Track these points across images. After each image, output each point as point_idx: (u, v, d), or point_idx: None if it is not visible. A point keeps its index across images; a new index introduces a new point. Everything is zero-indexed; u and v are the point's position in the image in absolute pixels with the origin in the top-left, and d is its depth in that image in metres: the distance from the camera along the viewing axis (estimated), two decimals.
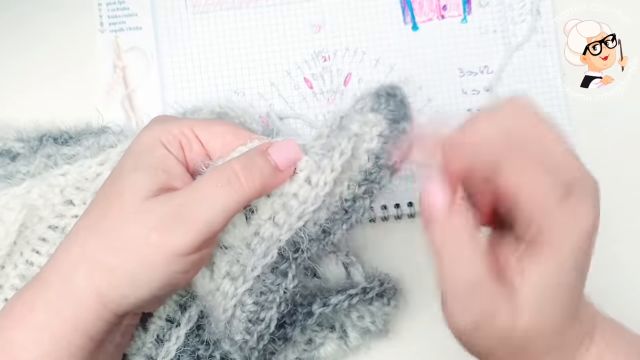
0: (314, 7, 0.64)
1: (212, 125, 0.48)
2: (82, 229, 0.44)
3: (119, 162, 0.46)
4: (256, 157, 0.45)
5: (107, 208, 0.44)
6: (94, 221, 0.44)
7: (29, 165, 0.57)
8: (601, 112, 0.63)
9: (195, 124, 0.47)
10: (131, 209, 0.42)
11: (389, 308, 0.57)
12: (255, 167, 0.44)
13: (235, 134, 0.48)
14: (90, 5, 0.64)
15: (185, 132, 0.46)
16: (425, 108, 0.63)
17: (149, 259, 0.42)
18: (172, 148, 0.46)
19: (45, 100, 0.63)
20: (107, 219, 0.43)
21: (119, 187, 0.44)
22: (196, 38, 0.64)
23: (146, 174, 0.44)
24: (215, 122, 0.49)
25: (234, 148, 0.47)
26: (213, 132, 0.47)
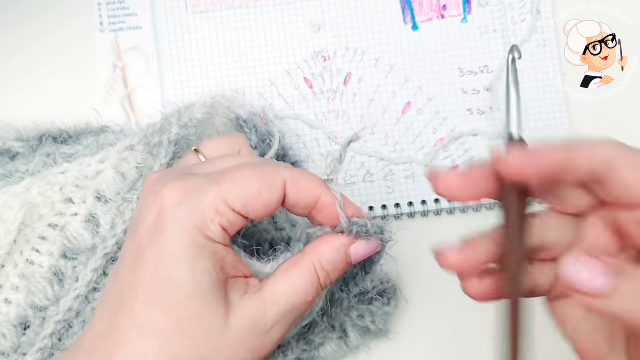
0: (314, 7, 0.64)
1: (242, 187, 0.41)
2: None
3: (150, 271, 0.40)
4: (337, 262, 0.43)
5: (183, 339, 0.39)
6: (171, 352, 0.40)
7: (29, 164, 0.57)
8: (601, 112, 0.63)
9: (224, 193, 0.40)
10: (217, 334, 0.40)
11: (389, 308, 0.57)
12: (336, 273, 0.44)
13: (268, 183, 0.42)
14: (90, 5, 0.64)
15: (220, 210, 0.40)
16: (425, 108, 0.63)
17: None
18: (216, 236, 0.40)
19: (45, 99, 0.63)
20: (190, 348, 0.40)
21: (192, 315, 0.39)
22: (196, 38, 0.64)
23: (212, 286, 0.40)
24: (241, 179, 0.41)
25: (273, 204, 0.42)
26: (247, 198, 0.41)
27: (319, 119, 0.63)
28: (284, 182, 0.42)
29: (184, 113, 0.55)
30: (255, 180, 0.41)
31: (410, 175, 0.63)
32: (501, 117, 0.39)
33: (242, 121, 0.56)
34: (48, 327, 0.52)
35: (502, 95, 0.63)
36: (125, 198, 0.54)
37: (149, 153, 0.55)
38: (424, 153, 0.63)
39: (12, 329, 0.53)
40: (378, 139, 0.63)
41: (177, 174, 0.43)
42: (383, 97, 0.63)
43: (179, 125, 0.55)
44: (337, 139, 0.63)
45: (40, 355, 0.52)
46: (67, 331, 0.53)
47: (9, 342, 0.53)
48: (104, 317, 0.41)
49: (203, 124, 0.57)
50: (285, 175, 0.42)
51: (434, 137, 0.63)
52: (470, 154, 0.63)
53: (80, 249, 0.54)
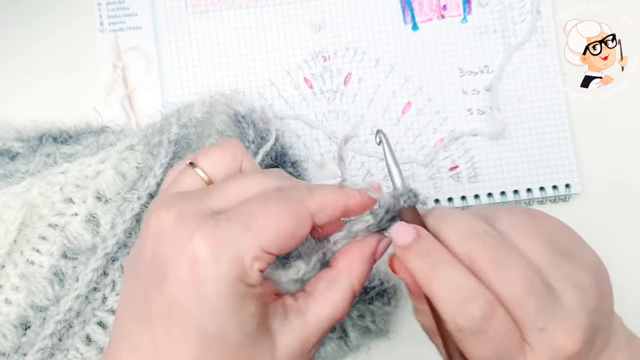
0: (314, 7, 0.64)
1: (275, 229, 0.39)
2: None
3: (188, 333, 0.38)
4: (369, 269, 0.44)
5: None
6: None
7: (29, 164, 0.57)
8: (601, 112, 0.63)
9: (258, 240, 0.38)
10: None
11: (389, 307, 0.57)
12: (366, 278, 0.44)
13: (298, 219, 0.40)
14: (90, 5, 0.64)
15: (258, 256, 0.39)
16: (425, 108, 0.63)
17: None
18: (256, 281, 0.39)
19: (45, 100, 0.63)
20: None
21: (242, 358, 0.39)
22: (196, 38, 0.64)
23: (259, 331, 0.39)
24: (270, 221, 0.39)
25: (304, 236, 0.41)
26: (280, 239, 0.39)
27: (319, 119, 0.63)
28: (311, 214, 0.41)
29: (183, 113, 0.56)
30: (286, 219, 0.39)
31: (410, 175, 0.63)
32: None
33: (241, 117, 0.56)
34: (48, 327, 0.52)
35: (501, 95, 0.63)
36: (125, 198, 0.54)
37: (149, 153, 0.55)
38: (424, 153, 0.63)
39: (12, 329, 0.53)
40: None
41: (199, 216, 0.39)
42: (383, 97, 0.63)
43: (178, 125, 0.55)
44: (337, 138, 0.63)
45: (40, 355, 0.52)
46: (68, 331, 0.53)
47: (10, 343, 0.53)
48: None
49: (202, 123, 0.57)
50: (310, 205, 0.41)
51: (434, 137, 0.63)
52: (470, 154, 0.63)
53: (80, 248, 0.55)
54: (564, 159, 0.62)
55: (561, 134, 0.63)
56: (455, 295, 0.39)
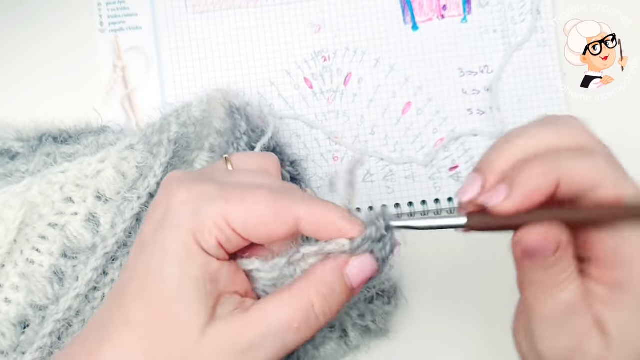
0: (314, 7, 0.64)
1: (247, 209, 0.39)
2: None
3: (144, 262, 0.40)
4: (335, 284, 0.40)
5: (160, 338, 0.39)
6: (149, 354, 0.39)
7: (29, 163, 0.57)
8: (601, 112, 0.63)
9: (228, 210, 0.39)
10: (192, 342, 0.39)
11: (389, 307, 0.57)
12: (334, 297, 0.40)
13: (277, 213, 0.40)
14: (90, 5, 0.64)
15: (219, 225, 0.39)
16: (425, 108, 0.63)
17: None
18: (210, 249, 0.40)
19: (45, 99, 0.63)
20: (165, 350, 0.39)
21: (172, 316, 0.39)
22: (196, 38, 0.64)
23: (197, 294, 0.39)
24: (249, 200, 0.40)
25: (279, 235, 0.40)
26: (250, 221, 0.39)
27: (319, 119, 0.63)
28: (296, 218, 0.40)
29: (182, 112, 0.56)
30: (264, 206, 0.39)
31: (410, 175, 0.63)
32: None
33: (235, 109, 0.56)
34: (47, 326, 0.52)
35: (501, 95, 0.63)
36: (125, 197, 0.54)
37: (148, 152, 0.55)
38: (424, 153, 0.63)
39: (11, 327, 0.53)
40: (378, 139, 0.63)
41: (197, 175, 0.42)
42: (383, 97, 0.63)
43: (177, 124, 0.55)
44: (337, 138, 0.63)
45: (39, 353, 0.52)
46: (67, 330, 0.53)
47: (8, 341, 0.53)
48: (105, 307, 0.42)
49: (201, 122, 0.57)
50: (300, 211, 0.40)
51: (434, 137, 0.63)
52: (470, 154, 0.63)
53: (80, 248, 0.55)
54: None
55: None
56: (582, 156, 0.39)
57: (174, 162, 0.55)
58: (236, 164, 0.46)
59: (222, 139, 0.57)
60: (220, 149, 0.57)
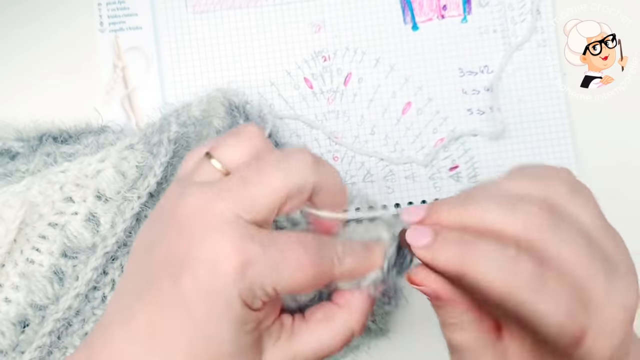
0: (314, 7, 0.64)
1: (293, 281, 0.39)
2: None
3: (191, 327, 0.38)
4: (370, 307, 0.43)
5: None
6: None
7: (29, 163, 0.57)
8: (601, 112, 0.63)
9: (277, 281, 0.38)
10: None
11: (389, 307, 0.57)
12: (367, 320, 0.44)
13: (316, 281, 0.40)
14: (90, 5, 0.64)
15: (268, 292, 0.39)
16: (425, 108, 0.63)
17: None
18: (257, 307, 0.39)
19: (45, 99, 0.63)
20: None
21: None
22: (196, 38, 0.64)
23: (251, 346, 0.39)
24: (295, 265, 0.39)
25: (313, 290, 0.41)
26: (295, 288, 0.40)
27: (319, 119, 0.63)
28: (333, 278, 0.41)
29: (182, 112, 0.56)
30: (312, 278, 0.39)
31: (410, 175, 0.63)
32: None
33: (234, 107, 0.56)
34: (47, 325, 0.52)
35: (501, 95, 0.63)
36: (126, 197, 0.54)
37: (148, 152, 0.55)
38: (424, 153, 0.63)
39: (10, 327, 0.53)
40: (378, 139, 0.63)
41: (230, 221, 0.39)
42: (383, 97, 0.63)
43: (177, 124, 0.55)
44: (337, 138, 0.63)
45: (38, 353, 0.52)
46: (66, 329, 0.53)
47: (8, 340, 0.53)
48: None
49: (201, 122, 0.57)
50: (335, 273, 0.41)
51: (434, 137, 0.63)
52: (470, 154, 0.63)
53: (80, 247, 0.55)
54: (564, 159, 0.62)
55: (561, 134, 0.63)
56: (503, 260, 0.36)
57: (174, 161, 0.55)
58: (224, 158, 0.42)
59: None
60: None
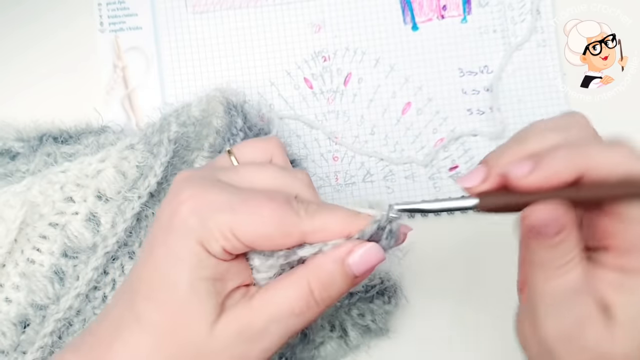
0: (314, 7, 0.64)
1: (254, 224, 0.40)
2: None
3: (155, 266, 0.41)
4: (335, 273, 0.41)
5: (173, 337, 0.40)
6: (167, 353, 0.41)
7: (29, 163, 0.57)
8: (601, 112, 0.63)
9: (234, 223, 0.40)
10: (203, 338, 0.40)
11: (389, 306, 0.57)
12: (334, 286, 0.41)
13: (283, 230, 0.40)
14: (90, 5, 0.64)
15: (226, 236, 0.40)
16: (425, 108, 0.63)
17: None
18: (217, 254, 0.40)
19: (45, 99, 0.63)
20: (178, 348, 0.40)
21: (183, 317, 0.40)
22: (196, 38, 0.64)
23: (207, 295, 0.40)
24: (256, 215, 0.40)
25: (284, 247, 0.41)
26: (255, 235, 0.40)
27: (319, 119, 0.63)
28: (301, 233, 0.40)
29: (181, 112, 0.56)
30: (270, 223, 0.40)
31: (410, 175, 0.63)
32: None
33: (232, 105, 0.56)
34: (48, 325, 0.52)
35: (501, 95, 0.63)
36: (126, 197, 0.54)
37: (149, 152, 0.55)
38: (424, 153, 0.63)
39: (11, 327, 0.53)
40: (378, 139, 0.63)
41: (204, 178, 0.42)
42: (383, 97, 0.63)
43: (177, 124, 0.55)
44: (337, 138, 0.63)
45: (40, 353, 0.52)
46: (67, 329, 0.53)
47: (9, 340, 0.53)
48: (115, 305, 0.43)
49: (201, 122, 0.57)
50: (305, 226, 0.40)
51: (433, 137, 0.63)
52: (470, 154, 0.63)
53: (80, 247, 0.55)
54: None
55: None
56: (609, 147, 0.39)
57: (174, 161, 0.55)
58: (240, 156, 0.46)
59: (220, 137, 0.57)
60: (218, 146, 0.57)
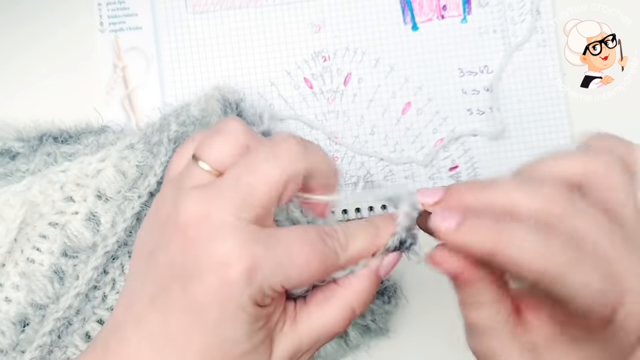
0: (314, 7, 0.64)
1: (302, 273, 0.39)
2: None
3: (206, 332, 0.39)
4: (373, 286, 0.42)
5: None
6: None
7: (29, 163, 0.57)
8: (601, 112, 0.63)
9: (285, 279, 0.38)
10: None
11: (389, 306, 0.57)
12: (371, 297, 0.43)
13: (323, 274, 0.40)
14: (90, 5, 0.64)
15: (276, 289, 0.39)
16: (425, 108, 0.63)
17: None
18: (267, 303, 0.39)
19: (45, 99, 0.63)
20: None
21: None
22: (196, 38, 0.64)
23: (263, 340, 0.40)
24: (299, 258, 0.39)
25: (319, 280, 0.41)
26: (303, 281, 0.40)
27: (319, 119, 0.63)
28: (339, 266, 0.41)
29: (181, 111, 0.56)
30: (317, 271, 0.40)
31: (410, 175, 0.63)
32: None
33: (227, 103, 0.56)
34: (47, 324, 0.52)
35: (501, 95, 0.63)
36: (126, 196, 0.54)
37: (149, 151, 0.55)
38: (424, 153, 0.63)
39: (11, 326, 0.53)
40: (378, 139, 0.63)
41: (233, 225, 0.38)
42: (383, 97, 0.63)
43: (177, 123, 0.55)
44: (337, 138, 0.63)
45: (39, 352, 0.52)
46: (67, 328, 0.53)
47: (8, 340, 0.53)
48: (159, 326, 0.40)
49: (201, 122, 0.57)
50: (341, 261, 0.41)
51: (433, 137, 0.63)
52: (470, 154, 0.63)
53: (80, 247, 0.55)
54: None
55: (561, 134, 0.63)
56: (536, 239, 0.36)
57: None
58: (213, 161, 0.41)
59: None
60: None
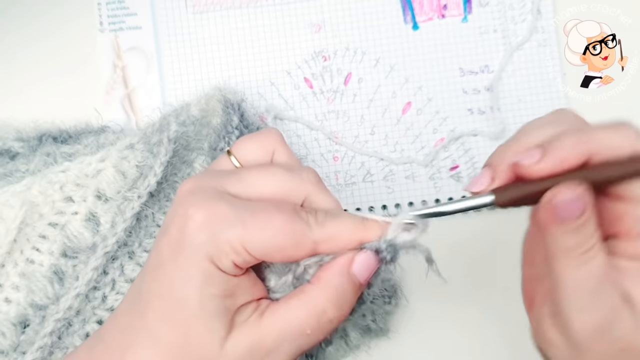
0: (314, 7, 0.64)
1: (264, 237, 0.39)
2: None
3: (165, 282, 0.40)
4: (344, 285, 0.41)
5: (183, 353, 0.40)
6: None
7: (29, 163, 0.57)
8: (601, 112, 0.63)
9: (245, 237, 0.39)
10: (214, 355, 0.40)
11: (390, 306, 0.57)
12: (346, 300, 0.41)
13: (294, 242, 0.40)
14: (90, 5, 0.64)
15: (237, 250, 0.39)
16: (425, 108, 0.63)
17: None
18: (227, 269, 0.40)
19: (45, 99, 0.63)
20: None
21: (194, 333, 0.40)
22: (196, 38, 0.64)
23: (217, 312, 0.40)
24: (266, 228, 0.40)
25: (296, 259, 0.41)
26: (267, 248, 0.40)
27: (319, 119, 0.63)
28: (313, 243, 0.40)
29: (181, 111, 0.56)
30: (283, 235, 0.40)
31: (410, 175, 0.63)
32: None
33: (229, 103, 0.56)
34: (48, 325, 0.52)
35: (502, 95, 0.63)
36: (126, 196, 0.54)
37: (148, 151, 0.55)
38: (424, 153, 0.63)
39: (11, 327, 0.53)
40: (378, 138, 0.63)
41: (210, 191, 0.41)
42: (383, 97, 0.63)
43: (177, 123, 0.55)
44: (337, 138, 0.63)
45: (40, 353, 0.52)
46: (67, 329, 0.53)
47: (8, 341, 0.53)
48: (125, 313, 0.43)
49: (201, 122, 0.57)
50: (316, 236, 0.40)
51: (434, 137, 0.63)
52: (470, 153, 0.63)
53: (80, 247, 0.54)
54: None
55: None
56: (614, 130, 0.38)
57: (174, 161, 0.55)
58: (240, 156, 0.45)
59: (215, 134, 0.57)
60: (214, 144, 0.57)
